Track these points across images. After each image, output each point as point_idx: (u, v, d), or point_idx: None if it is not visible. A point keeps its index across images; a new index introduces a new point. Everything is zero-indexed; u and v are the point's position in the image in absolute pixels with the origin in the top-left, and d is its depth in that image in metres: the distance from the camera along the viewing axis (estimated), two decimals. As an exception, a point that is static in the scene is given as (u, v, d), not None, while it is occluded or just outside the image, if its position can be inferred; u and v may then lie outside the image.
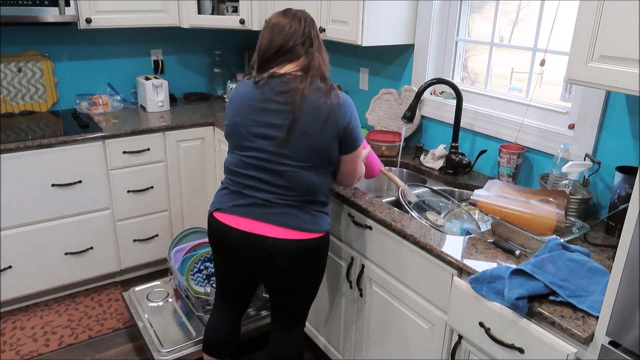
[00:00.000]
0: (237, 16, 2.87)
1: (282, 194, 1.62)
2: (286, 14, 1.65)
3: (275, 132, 1.57)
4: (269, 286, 1.78)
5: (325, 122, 1.56)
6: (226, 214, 1.68)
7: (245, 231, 1.63)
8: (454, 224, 1.82)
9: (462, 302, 1.41)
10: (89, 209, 2.66)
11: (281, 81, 1.59)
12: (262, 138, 1.59)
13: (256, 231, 1.63)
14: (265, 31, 1.66)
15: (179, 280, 2.42)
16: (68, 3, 2.53)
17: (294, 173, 1.59)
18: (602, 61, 1.21)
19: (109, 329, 2.54)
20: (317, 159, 1.60)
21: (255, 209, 1.64)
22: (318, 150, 1.58)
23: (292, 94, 1.56)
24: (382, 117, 2.56)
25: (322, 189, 1.66)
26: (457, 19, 2.22)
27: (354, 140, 1.64)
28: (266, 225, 1.63)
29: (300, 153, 1.57)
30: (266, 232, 1.62)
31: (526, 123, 1.92)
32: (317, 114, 1.55)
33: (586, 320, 1.18)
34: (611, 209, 1.60)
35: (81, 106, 2.97)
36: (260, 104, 1.60)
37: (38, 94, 2.93)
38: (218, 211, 1.70)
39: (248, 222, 1.64)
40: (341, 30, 2.27)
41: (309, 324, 2.33)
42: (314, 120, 1.55)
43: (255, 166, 1.62)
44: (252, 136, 1.61)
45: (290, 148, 1.57)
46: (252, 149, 1.61)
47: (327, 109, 1.56)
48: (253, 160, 1.62)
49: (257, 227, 1.63)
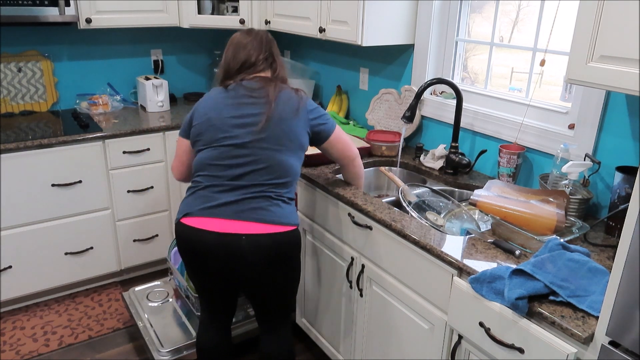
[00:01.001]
0: (237, 16, 2.87)
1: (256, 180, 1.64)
2: (249, 33, 1.80)
3: (253, 119, 1.66)
4: (247, 288, 1.75)
5: (297, 110, 1.71)
6: (195, 217, 1.64)
7: (216, 232, 1.60)
8: (454, 224, 1.82)
9: (462, 302, 1.41)
10: (89, 209, 2.67)
11: (253, 82, 1.73)
12: (240, 127, 1.67)
13: (228, 230, 1.60)
14: (230, 48, 1.79)
15: (179, 280, 2.42)
16: (68, 3, 2.53)
17: (271, 154, 1.65)
18: (602, 61, 1.21)
19: (109, 329, 2.54)
20: (292, 143, 1.69)
21: (225, 209, 1.62)
22: (293, 135, 1.69)
23: (265, 89, 1.70)
24: (382, 117, 2.56)
25: (295, 174, 1.71)
26: (457, 19, 2.22)
27: (325, 123, 1.78)
28: (238, 223, 1.61)
29: (277, 137, 1.67)
30: (239, 230, 1.60)
31: (526, 123, 1.92)
32: (290, 104, 1.71)
33: (586, 320, 1.18)
34: (611, 209, 1.60)
35: (81, 106, 2.97)
36: (234, 101, 1.70)
37: (38, 94, 2.93)
38: (186, 216, 1.66)
39: (219, 222, 1.62)
40: (341, 30, 2.27)
41: (309, 324, 2.33)
42: (288, 108, 1.70)
43: (231, 154, 1.66)
44: (229, 127, 1.67)
45: (268, 133, 1.66)
46: (229, 138, 1.67)
47: (298, 100, 1.73)
48: (229, 147, 1.66)
49: (229, 226, 1.61)
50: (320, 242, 2.12)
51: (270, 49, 1.80)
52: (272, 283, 1.72)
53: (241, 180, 1.64)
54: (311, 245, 2.19)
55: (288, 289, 1.79)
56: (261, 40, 1.78)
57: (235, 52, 1.77)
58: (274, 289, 1.74)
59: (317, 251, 2.15)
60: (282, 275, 1.72)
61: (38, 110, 2.95)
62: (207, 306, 1.89)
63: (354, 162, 1.91)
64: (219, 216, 1.62)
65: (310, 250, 2.20)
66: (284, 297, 1.80)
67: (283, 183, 1.68)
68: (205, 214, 1.64)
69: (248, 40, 1.77)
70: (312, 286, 2.25)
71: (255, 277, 1.68)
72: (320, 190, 2.03)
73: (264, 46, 1.78)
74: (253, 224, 1.61)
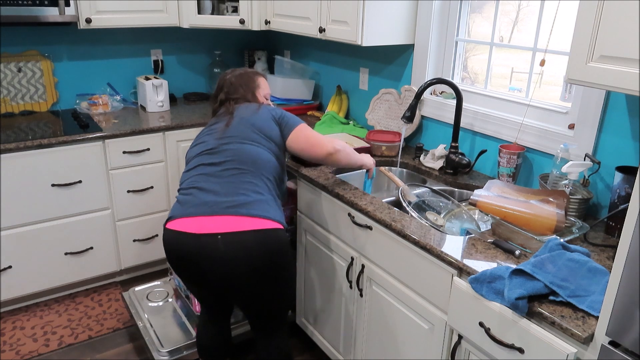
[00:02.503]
0: (237, 16, 2.87)
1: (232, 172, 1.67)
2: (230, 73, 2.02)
3: (218, 127, 1.83)
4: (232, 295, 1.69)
5: (257, 110, 1.86)
6: (177, 220, 1.63)
7: (192, 233, 1.57)
8: (454, 224, 1.82)
9: (462, 302, 1.41)
10: (89, 209, 2.67)
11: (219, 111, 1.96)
12: (207, 136, 1.83)
13: (204, 229, 1.56)
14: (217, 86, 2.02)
15: (178, 280, 2.42)
16: (68, 3, 2.53)
17: (238, 147, 1.74)
18: (602, 61, 1.21)
19: (109, 329, 2.54)
20: (259, 134, 1.78)
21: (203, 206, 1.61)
22: (257, 127, 1.80)
23: (226, 109, 1.91)
24: (382, 117, 2.56)
25: (269, 166, 1.73)
26: (457, 19, 2.22)
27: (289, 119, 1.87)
28: (215, 219, 1.57)
29: (241, 132, 1.78)
30: (215, 228, 1.55)
31: (526, 123, 1.92)
32: (250, 107, 1.88)
33: (586, 320, 1.18)
34: (611, 209, 1.60)
35: (81, 106, 2.97)
36: (205, 129, 1.90)
37: (38, 94, 2.93)
38: (169, 220, 1.66)
39: (197, 220, 1.59)
40: (341, 30, 2.27)
41: (309, 324, 2.33)
42: (247, 111, 1.86)
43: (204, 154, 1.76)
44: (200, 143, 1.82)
45: (231, 130, 1.78)
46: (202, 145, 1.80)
47: (257, 105, 1.90)
48: (202, 153, 1.77)
49: (205, 224, 1.57)
50: (320, 242, 2.12)
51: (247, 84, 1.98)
52: (259, 291, 1.64)
53: (217, 177, 1.67)
54: (311, 245, 2.19)
55: (279, 296, 1.71)
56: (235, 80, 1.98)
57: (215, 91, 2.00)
58: (262, 298, 1.67)
59: (317, 251, 2.15)
60: (270, 282, 1.63)
61: (38, 110, 2.95)
62: (203, 305, 1.91)
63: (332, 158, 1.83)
64: (197, 214, 1.61)
65: (311, 250, 2.20)
66: (275, 305, 1.73)
67: (254, 172, 1.68)
68: (186, 213, 1.63)
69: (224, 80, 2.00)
70: (312, 286, 2.25)
71: (238, 285, 1.61)
72: (320, 190, 2.03)
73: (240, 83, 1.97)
74: (229, 219, 1.56)
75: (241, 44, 3.55)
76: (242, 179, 1.67)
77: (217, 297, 1.83)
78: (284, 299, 1.75)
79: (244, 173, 1.68)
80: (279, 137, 1.83)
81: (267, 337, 1.82)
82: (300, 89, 3.03)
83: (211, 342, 1.93)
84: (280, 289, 1.69)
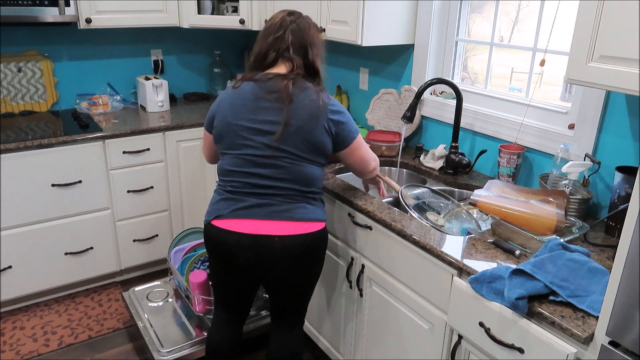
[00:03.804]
0: (237, 16, 2.87)
1: (281, 187, 1.64)
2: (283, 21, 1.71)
3: (271, 127, 1.62)
4: (271, 287, 1.77)
5: (317, 118, 1.63)
6: (227, 220, 1.65)
7: (250, 234, 1.62)
8: (454, 224, 1.82)
9: (462, 302, 1.41)
10: (89, 209, 2.66)
11: (270, 82, 1.65)
12: (258, 134, 1.63)
13: (261, 232, 1.62)
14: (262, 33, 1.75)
15: (178, 280, 2.42)
16: (68, 3, 2.53)
17: (292, 165, 1.63)
18: (602, 61, 1.21)
19: (109, 329, 2.54)
20: (313, 152, 1.65)
21: (257, 210, 1.64)
22: (313, 144, 1.64)
23: (280, 93, 1.62)
24: (382, 117, 2.56)
25: (318, 181, 1.71)
26: (457, 19, 2.22)
27: (348, 132, 1.70)
28: (271, 223, 1.62)
29: (297, 146, 1.62)
30: (272, 231, 1.62)
31: (526, 123, 1.92)
32: (310, 110, 1.62)
33: (586, 320, 1.18)
34: (611, 209, 1.60)
35: (81, 106, 2.97)
36: (252, 103, 1.64)
37: (38, 94, 2.93)
38: (218, 218, 1.67)
39: (252, 223, 1.63)
40: (341, 30, 2.27)
41: (309, 324, 2.33)
42: (307, 116, 1.62)
43: (254, 162, 1.63)
44: (248, 133, 1.64)
45: (287, 142, 1.62)
46: (249, 147, 1.64)
47: (319, 106, 1.63)
48: (251, 157, 1.64)
49: (262, 227, 1.62)
50: (320, 242, 2.12)
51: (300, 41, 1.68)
52: (297, 280, 1.73)
53: (266, 189, 1.64)
54: (311, 245, 2.19)
55: (310, 285, 1.81)
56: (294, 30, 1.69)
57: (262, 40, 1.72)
58: (297, 286, 1.76)
59: (317, 251, 2.15)
60: (307, 272, 1.74)
61: (38, 110, 2.95)
62: (225, 303, 1.87)
63: (371, 174, 1.89)
64: (250, 217, 1.64)
65: (310, 250, 2.20)
66: (304, 298, 1.83)
67: (305, 190, 1.68)
68: (236, 215, 1.65)
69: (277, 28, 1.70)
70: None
71: (283, 278, 1.71)
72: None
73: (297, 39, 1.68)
74: (284, 223, 1.63)
75: (241, 44, 3.55)
76: (296, 194, 1.66)
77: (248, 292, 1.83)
78: (311, 288, 1.83)
79: (296, 191, 1.66)
80: (330, 150, 1.70)
81: (286, 330, 1.85)
82: (300, 89, 3.03)
83: (224, 345, 1.89)
84: (313, 277, 1.80)
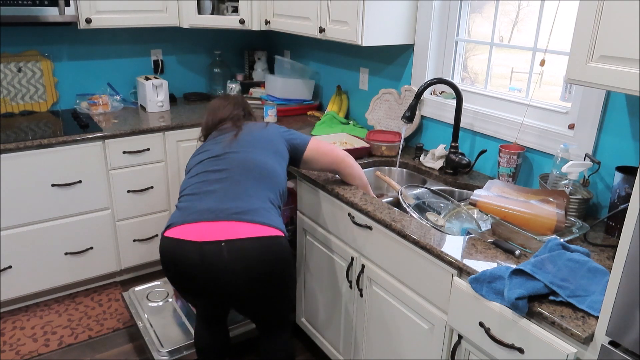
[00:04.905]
0: (237, 16, 2.87)
1: (236, 180, 1.66)
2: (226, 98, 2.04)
3: (226, 137, 1.84)
4: (234, 303, 1.67)
5: (266, 126, 1.92)
6: (177, 227, 1.57)
7: (195, 241, 1.52)
8: (454, 224, 1.82)
9: (462, 302, 1.41)
10: (89, 209, 2.67)
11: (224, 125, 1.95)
12: (214, 145, 1.82)
13: (207, 237, 1.52)
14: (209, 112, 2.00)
15: (179, 280, 2.42)
16: (68, 3, 2.53)
17: (245, 154, 1.75)
18: (602, 61, 1.21)
19: (109, 329, 2.55)
20: (266, 146, 1.80)
21: (205, 212, 1.57)
22: (266, 140, 1.83)
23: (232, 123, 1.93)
24: (382, 117, 2.56)
25: (272, 173, 1.73)
26: (457, 19, 2.22)
27: (299, 136, 1.93)
28: (218, 225, 1.53)
29: (249, 143, 1.80)
30: (219, 235, 1.52)
31: (526, 123, 1.92)
32: (258, 124, 1.93)
33: (586, 320, 1.18)
34: (611, 209, 1.60)
35: (81, 106, 2.97)
36: (209, 141, 1.89)
37: (38, 94, 2.93)
38: (169, 228, 1.60)
39: (198, 226, 1.54)
40: (341, 30, 2.27)
41: (309, 324, 2.33)
42: (255, 127, 1.90)
43: (211, 164, 1.74)
44: (205, 151, 1.82)
45: (239, 141, 1.80)
46: (207, 152, 1.80)
47: (265, 123, 1.95)
48: (207, 162, 1.76)
49: (208, 231, 1.53)
50: (320, 242, 2.12)
51: (244, 107, 2.04)
52: (262, 298, 1.63)
53: (221, 183, 1.65)
54: (311, 245, 2.19)
55: (281, 301, 1.71)
56: (236, 102, 2.02)
57: (214, 114, 1.98)
58: (265, 304, 1.67)
59: (317, 251, 2.15)
60: (273, 288, 1.62)
61: (38, 110, 2.95)
62: (199, 312, 1.89)
63: (345, 163, 1.92)
64: (198, 220, 1.56)
65: (311, 251, 2.20)
66: (278, 310, 1.74)
67: (259, 180, 1.66)
68: (186, 220, 1.58)
69: (225, 103, 2.00)
70: (312, 286, 2.25)
71: (241, 293, 1.58)
72: (320, 190, 2.03)
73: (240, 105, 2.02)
74: (233, 224, 1.54)
75: (241, 44, 3.55)
76: (246, 185, 1.64)
77: (216, 305, 1.81)
78: (286, 302, 1.75)
79: (249, 180, 1.65)
80: (286, 154, 1.87)
81: (272, 336, 1.83)
82: (300, 89, 3.03)
83: (209, 345, 1.91)
84: (283, 293, 1.69)
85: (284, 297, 1.71)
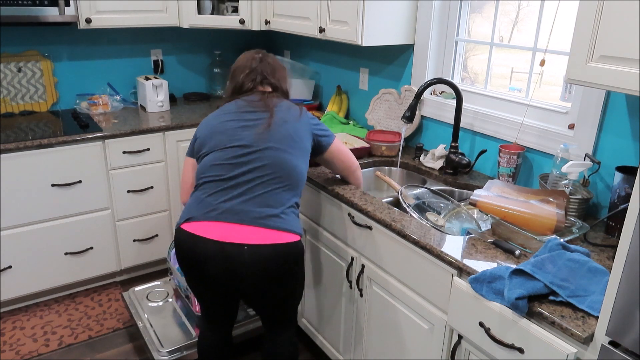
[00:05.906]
0: (237, 16, 2.87)
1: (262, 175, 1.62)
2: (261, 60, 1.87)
3: (256, 122, 1.71)
4: (247, 299, 1.73)
5: (299, 117, 1.76)
6: (197, 222, 1.59)
7: (217, 240, 1.55)
8: (454, 224, 1.82)
9: (462, 302, 1.41)
10: (89, 209, 2.67)
11: (252, 95, 1.79)
12: (244, 130, 1.69)
13: (230, 239, 1.54)
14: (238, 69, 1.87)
15: (178, 280, 2.42)
16: (68, 3, 2.53)
17: (275, 153, 1.66)
18: (602, 61, 1.21)
19: (109, 329, 2.54)
20: (296, 144, 1.71)
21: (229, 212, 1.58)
22: (297, 137, 1.72)
23: (263, 101, 1.76)
24: (382, 117, 2.56)
25: (299, 177, 1.69)
26: (457, 19, 2.22)
27: (326, 133, 1.84)
28: (241, 228, 1.56)
29: (281, 137, 1.69)
30: (241, 238, 1.55)
31: (526, 123, 1.92)
32: (291, 111, 1.77)
33: (586, 320, 1.18)
34: (611, 209, 1.60)
35: (81, 106, 2.97)
36: (236, 113, 1.74)
37: (38, 94, 2.93)
38: (188, 221, 1.60)
39: (221, 226, 1.56)
40: (341, 30, 2.27)
41: (309, 324, 2.33)
42: (289, 115, 1.75)
43: (239, 154, 1.65)
44: (233, 132, 1.70)
45: (272, 133, 1.68)
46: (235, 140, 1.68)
47: (299, 109, 1.79)
48: (235, 149, 1.66)
49: (231, 233, 1.55)
50: (320, 242, 2.12)
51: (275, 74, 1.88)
52: (274, 296, 1.69)
53: (245, 176, 1.61)
54: (311, 245, 2.19)
55: (291, 299, 1.77)
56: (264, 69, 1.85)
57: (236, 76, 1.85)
58: (275, 301, 1.72)
59: (317, 251, 2.15)
60: (284, 288, 1.69)
61: (38, 110, 2.95)
62: (206, 312, 1.86)
63: (355, 174, 1.94)
64: (221, 220, 1.58)
65: (310, 250, 2.20)
66: (287, 307, 1.79)
67: (288, 185, 1.65)
68: (208, 217, 1.59)
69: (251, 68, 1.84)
70: (312, 286, 2.25)
71: (256, 290, 1.65)
72: (320, 190, 2.03)
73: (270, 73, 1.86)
74: (256, 230, 1.56)
75: (241, 44, 3.55)
76: (276, 191, 1.63)
77: (227, 301, 1.81)
78: (295, 299, 1.80)
79: (278, 184, 1.64)
80: (310, 150, 1.78)
81: (278, 331, 1.85)
82: (300, 89, 3.03)
83: (212, 346, 1.90)
84: (294, 291, 1.76)
85: (293, 294, 1.77)
